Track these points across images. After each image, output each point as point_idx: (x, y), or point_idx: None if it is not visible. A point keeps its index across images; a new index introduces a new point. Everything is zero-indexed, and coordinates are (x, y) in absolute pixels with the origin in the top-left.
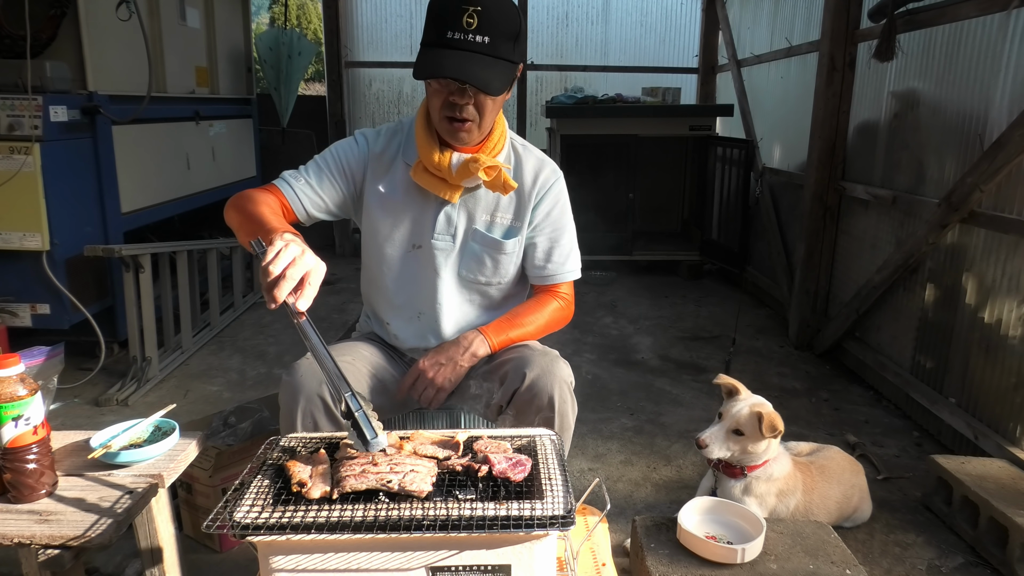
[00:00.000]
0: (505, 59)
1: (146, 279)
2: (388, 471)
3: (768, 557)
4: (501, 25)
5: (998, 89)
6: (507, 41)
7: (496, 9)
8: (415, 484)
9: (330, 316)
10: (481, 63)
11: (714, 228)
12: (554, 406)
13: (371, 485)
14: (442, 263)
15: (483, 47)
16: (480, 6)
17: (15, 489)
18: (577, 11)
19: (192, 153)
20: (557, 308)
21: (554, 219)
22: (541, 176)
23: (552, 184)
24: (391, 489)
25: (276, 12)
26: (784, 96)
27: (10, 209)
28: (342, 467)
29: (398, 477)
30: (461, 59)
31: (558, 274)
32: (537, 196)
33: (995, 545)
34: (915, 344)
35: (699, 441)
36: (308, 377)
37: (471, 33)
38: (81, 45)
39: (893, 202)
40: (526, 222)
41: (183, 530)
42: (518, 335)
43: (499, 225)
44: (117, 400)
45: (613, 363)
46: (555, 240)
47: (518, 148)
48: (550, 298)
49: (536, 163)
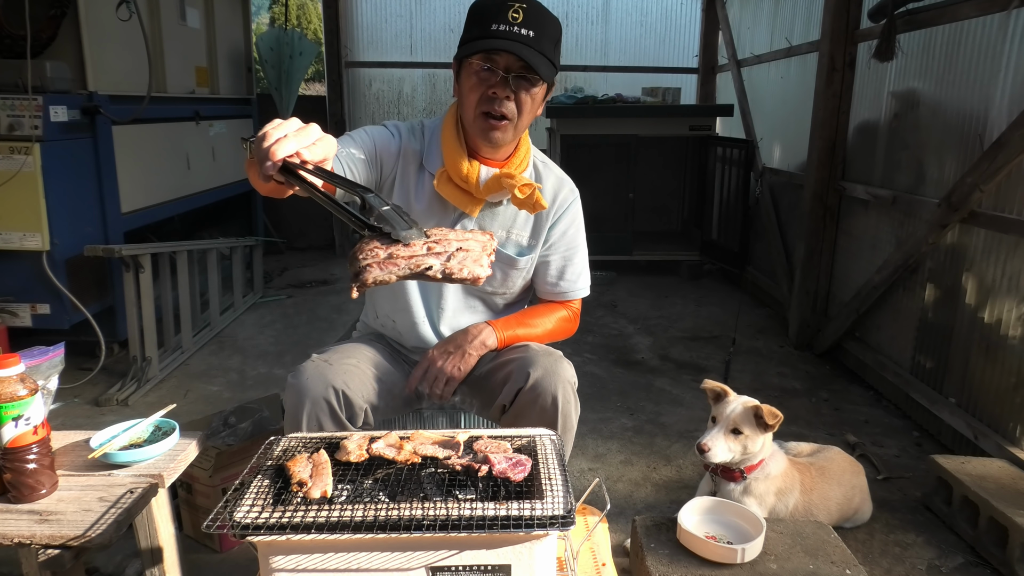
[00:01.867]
0: (547, 57)
1: (146, 279)
2: (425, 253)
3: (768, 557)
4: (546, 25)
5: (998, 89)
6: (550, 41)
7: (540, 10)
8: (466, 268)
9: (330, 316)
10: (528, 51)
11: (714, 228)
12: (558, 406)
13: (401, 274)
14: None
15: (529, 40)
16: (525, 3)
17: (15, 489)
18: (577, 11)
19: (192, 153)
20: (565, 317)
21: (569, 239)
22: (560, 196)
23: (570, 204)
24: (432, 277)
25: (276, 12)
26: (784, 96)
27: (10, 209)
28: (359, 254)
29: (440, 261)
30: (509, 41)
31: (569, 292)
32: (555, 216)
33: (995, 545)
34: (915, 344)
35: (701, 446)
36: (314, 380)
37: (517, 26)
38: (81, 45)
39: (893, 202)
40: (541, 240)
41: (183, 530)
42: (524, 334)
43: (514, 242)
44: (117, 400)
45: (613, 363)
46: (568, 259)
47: (539, 165)
48: (559, 307)
49: (556, 182)
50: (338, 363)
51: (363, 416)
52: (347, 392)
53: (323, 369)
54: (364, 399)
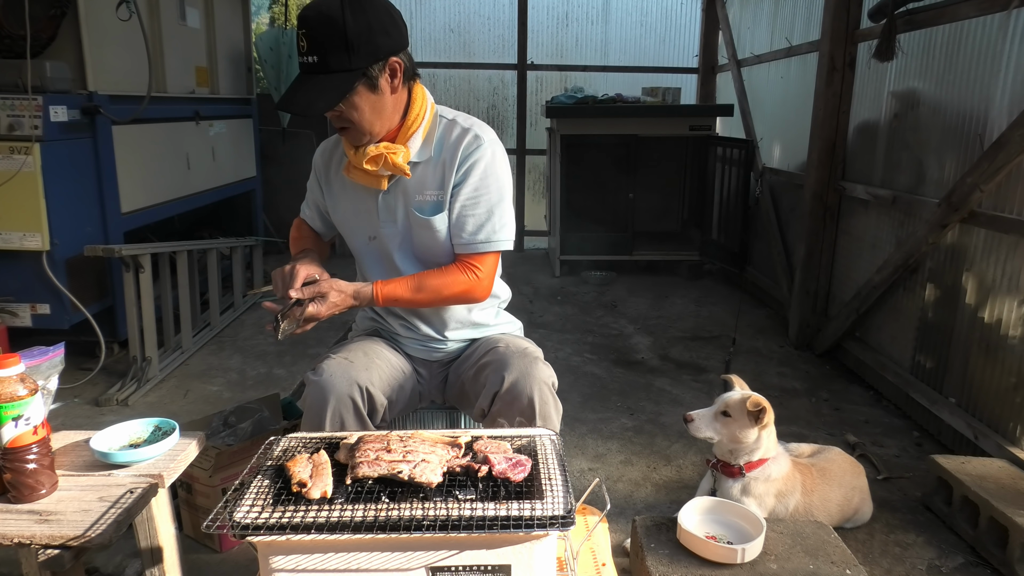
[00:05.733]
0: (339, 71)
1: (146, 279)
2: (400, 459)
3: (768, 557)
4: (324, 40)
5: (998, 89)
6: (337, 52)
7: (319, 25)
8: (424, 476)
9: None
10: (308, 83)
11: (714, 228)
12: (535, 408)
13: (383, 473)
14: (394, 249)
15: (315, 66)
16: (306, 27)
17: (15, 489)
18: (577, 11)
19: (192, 153)
20: (463, 281)
21: (472, 185)
22: (463, 145)
23: (473, 150)
24: (402, 479)
25: (276, 12)
26: (784, 96)
27: (10, 209)
28: (357, 453)
29: (409, 467)
30: (298, 86)
31: (469, 244)
32: (457, 164)
33: (995, 545)
34: (915, 344)
35: (686, 416)
36: (338, 377)
37: (305, 55)
38: (81, 45)
39: (893, 202)
40: (448, 193)
41: (183, 530)
42: (408, 299)
43: (429, 202)
44: (117, 400)
45: (613, 363)
46: (471, 208)
47: (446, 120)
48: (458, 270)
49: (460, 132)
50: (359, 360)
51: (382, 413)
52: (371, 389)
53: (346, 367)
54: (384, 396)
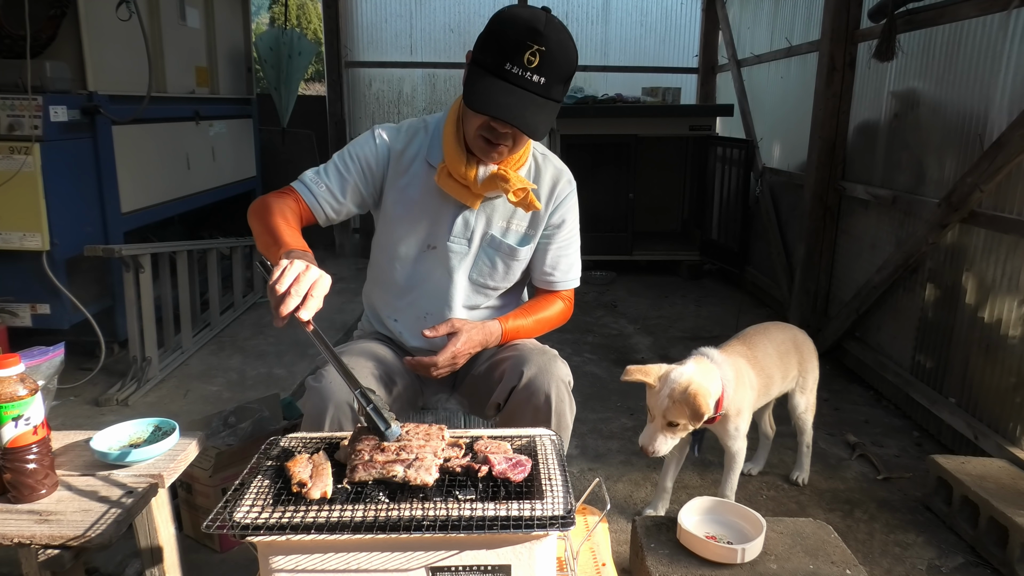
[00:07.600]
0: (555, 100)
1: (146, 279)
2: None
3: (768, 557)
4: (560, 68)
5: (998, 89)
6: (560, 83)
7: (559, 50)
8: (420, 477)
9: (330, 316)
10: (533, 105)
11: (714, 228)
12: (551, 404)
13: (378, 475)
14: (456, 265)
15: (538, 87)
16: (544, 47)
17: (15, 489)
18: (577, 11)
19: (192, 153)
20: (562, 309)
21: (566, 229)
22: (558, 187)
23: (568, 195)
24: (396, 480)
25: (276, 12)
26: (784, 96)
27: (10, 209)
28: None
29: (403, 468)
30: (515, 98)
31: (563, 281)
32: (553, 206)
33: (995, 545)
34: (915, 344)
35: (645, 451)
36: (338, 384)
37: (530, 71)
38: (81, 45)
39: (893, 202)
40: (540, 230)
41: (183, 530)
42: (526, 327)
43: (514, 232)
44: (117, 400)
45: (613, 363)
46: (564, 249)
47: (538, 158)
48: (556, 299)
49: (554, 173)
50: (359, 367)
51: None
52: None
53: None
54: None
